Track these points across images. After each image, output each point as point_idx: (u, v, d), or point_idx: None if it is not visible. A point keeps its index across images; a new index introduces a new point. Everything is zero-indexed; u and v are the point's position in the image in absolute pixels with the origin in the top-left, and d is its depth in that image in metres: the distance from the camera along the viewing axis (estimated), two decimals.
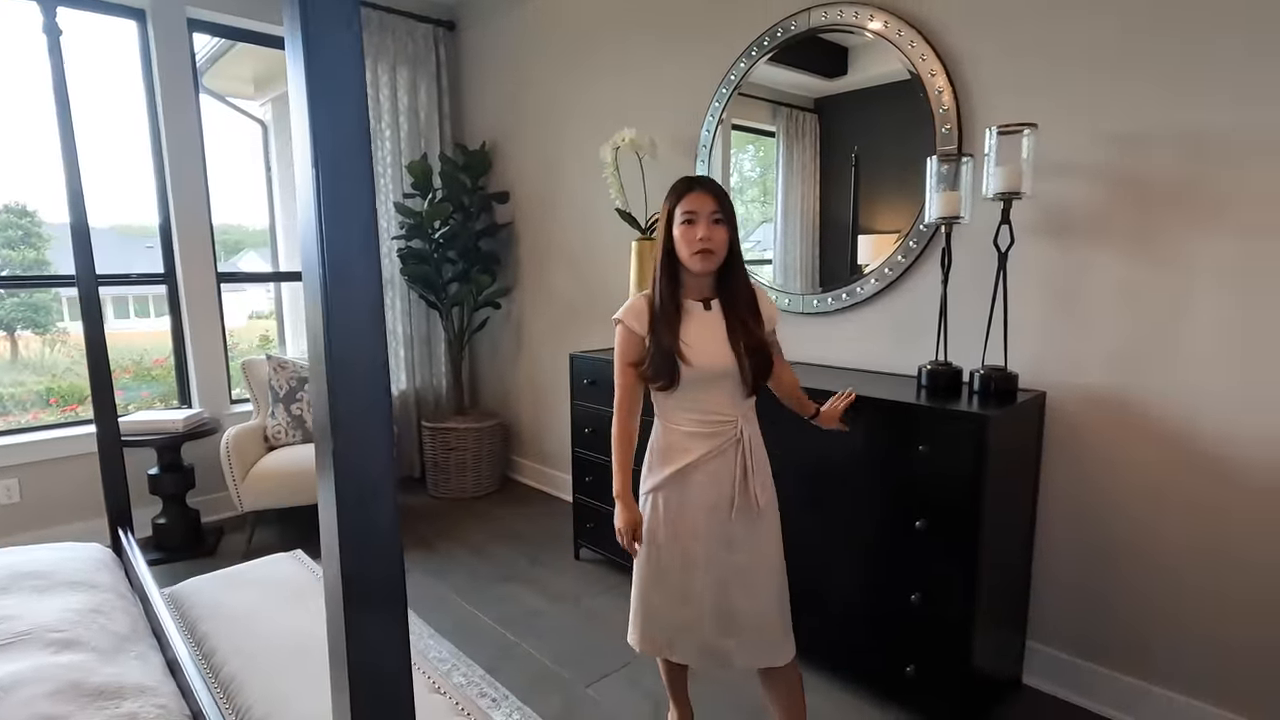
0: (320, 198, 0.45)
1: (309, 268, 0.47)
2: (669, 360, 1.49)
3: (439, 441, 3.65)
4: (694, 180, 1.53)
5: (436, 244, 3.60)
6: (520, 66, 3.60)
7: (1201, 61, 1.62)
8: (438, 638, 2.31)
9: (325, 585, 0.51)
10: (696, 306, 1.55)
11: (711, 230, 1.47)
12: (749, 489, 1.53)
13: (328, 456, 0.47)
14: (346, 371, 0.46)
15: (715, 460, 1.53)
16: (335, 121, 0.44)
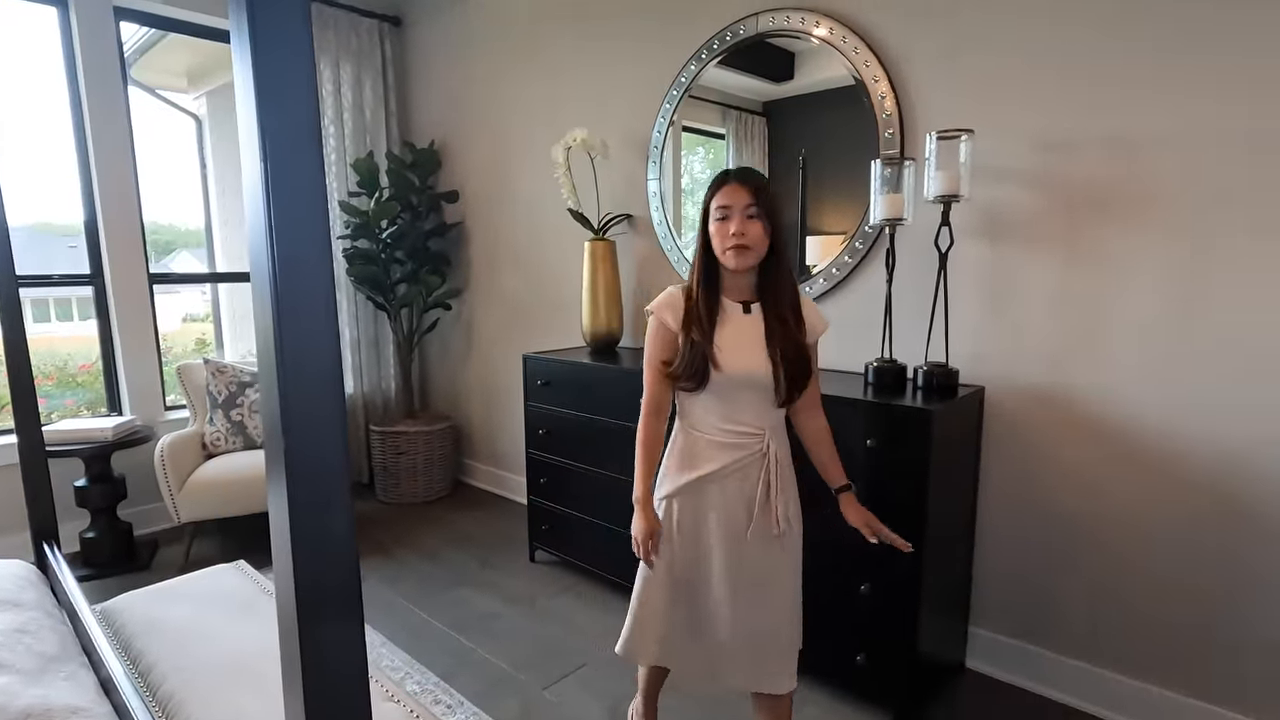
0: (269, 193, 0.44)
1: (257, 265, 0.46)
2: (700, 361, 1.40)
3: (388, 445, 3.57)
4: (730, 172, 1.44)
5: (384, 244, 3.52)
6: (469, 63, 3.55)
7: (1119, 70, 1.72)
8: (390, 645, 2.26)
9: (277, 595, 0.49)
10: (735, 309, 1.46)
11: (746, 225, 1.39)
12: (770, 509, 1.44)
13: (279, 460, 0.46)
14: (299, 370, 0.45)
15: (736, 474, 1.45)
16: (284, 110, 0.43)
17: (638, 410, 2.35)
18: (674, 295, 1.49)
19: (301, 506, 0.46)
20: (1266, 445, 1.61)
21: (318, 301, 0.46)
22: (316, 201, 0.45)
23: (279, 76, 0.43)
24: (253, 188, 0.45)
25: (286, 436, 0.46)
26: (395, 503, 3.63)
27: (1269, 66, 1.53)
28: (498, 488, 3.79)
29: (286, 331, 0.45)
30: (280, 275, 0.44)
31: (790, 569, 1.51)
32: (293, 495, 0.46)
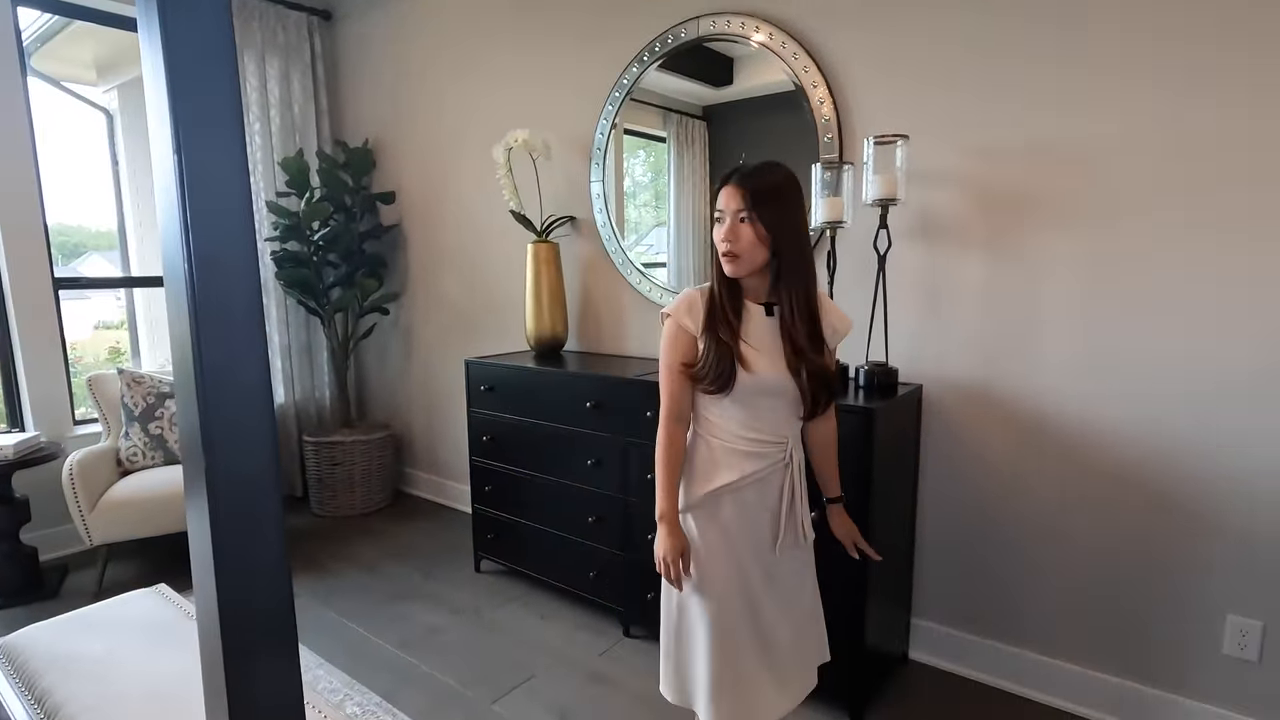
0: (184, 188, 0.40)
1: (171, 267, 0.42)
2: (726, 361, 1.31)
3: (323, 456, 3.43)
4: (730, 172, 1.35)
5: (316, 246, 3.38)
6: (404, 60, 3.45)
7: (1037, 82, 1.80)
8: (328, 666, 2.16)
9: (200, 626, 0.45)
10: (758, 310, 1.37)
11: (735, 231, 1.30)
12: (795, 521, 1.40)
13: (199, 479, 0.42)
14: (221, 380, 0.41)
15: (757, 484, 1.38)
16: (199, 92, 0.39)
17: (584, 414, 2.35)
18: (692, 297, 1.39)
19: (226, 529, 0.42)
20: (1179, 435, 1.71)
21: (241, 305, 0.42)
22: (238, 195, 0.41)
23: (192, 48, 0.39)
24: (165, 183, 0.41)
25: (208, 454, 0.42)
26: (331, 516, 3.48)
27: (1173, 78, 1.63)
28: (440, 497, 3.69)
29: (206, 338, 0.41)
30: (198, 277, 0.40)
31: (811, 569, 1.50)
32: (216, 517, 0.42)
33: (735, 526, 1.38)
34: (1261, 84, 1.54)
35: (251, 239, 0.42)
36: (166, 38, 0.39)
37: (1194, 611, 1.74)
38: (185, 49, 0.39)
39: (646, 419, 2.17)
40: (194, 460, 0.43)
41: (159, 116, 0.40)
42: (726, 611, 1.38)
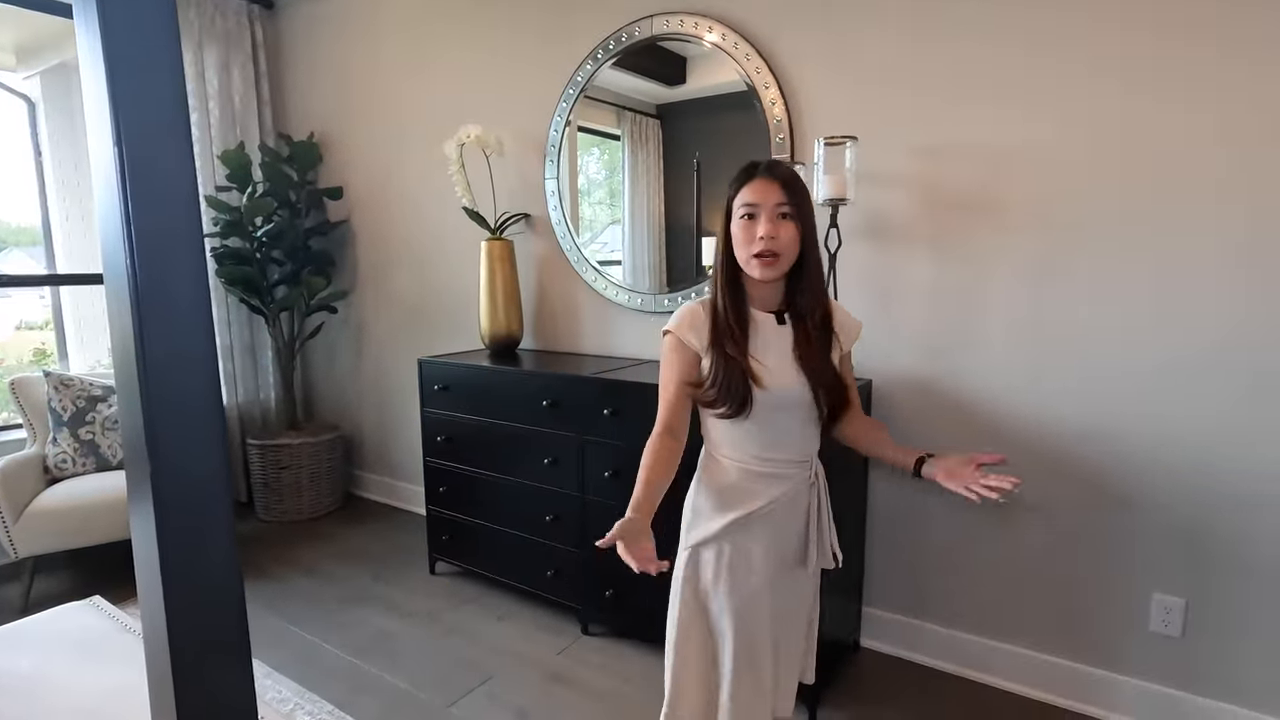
0: (125, 181, 0.38)
1: (112, 263, 0.40)
2: (738, 380, 1.21)
3: (269, 460, 3.31)
4: (758, 164, 1.25)
5: (259, 243, 3.26)
6: (351, 52, 3.36)
7: (979, 85, 1.87)
8: (276, 675, 2.09)
9: (146, 642, 0.43)
10: (767, 319, 1.28)
11: (777, 227, 1.20)
12: (825, 541, 1.33)
13: (144, 482, 0.40)
14: (167, 380, 0.40)
15: (783, 507, 1.29)
16: (142, 82, 0.38)
17: (540, 413, 2.33)
18: (694, 311, 1.29)
19: (174, 537, 0.41)
20: (1110, 425, 1.80)
21: (188, 299, 0.41)
22: (184, 186, 0.40)
23: (132, 32, 0.37)
24: (105, 174, 0.39)
25: (154, 457, 0.40)
26: (278, 521, 3.37)
27: (1108, 80, 1.72)
28: (393, 499, 3.61)
29: (150, 335, 0.39)
30: (141, 271, 0.39)
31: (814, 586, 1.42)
32: (163, 524, 0.41)
33: (767, 549, 1.29)
34: (1194, 78, 1.63)
35: (198, 230, 0.41)
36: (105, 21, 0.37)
37: (1123, 592, 1.83)
38: (125, 32, 0.38)
39: (604, 417, 2.17)
40: (138, 464, 0.41)
41: (97, 105, 0.38)
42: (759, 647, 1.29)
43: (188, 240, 0.41)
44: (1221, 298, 1.65)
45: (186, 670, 0.42)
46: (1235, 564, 1.69)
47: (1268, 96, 1.55)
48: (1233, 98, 1.58)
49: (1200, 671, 1.76)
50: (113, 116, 0.37)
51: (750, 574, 1.29)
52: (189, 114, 0.44)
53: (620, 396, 2.15)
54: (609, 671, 2.12)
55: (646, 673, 2.10)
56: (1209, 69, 1.60)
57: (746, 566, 1.28)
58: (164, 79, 0.39)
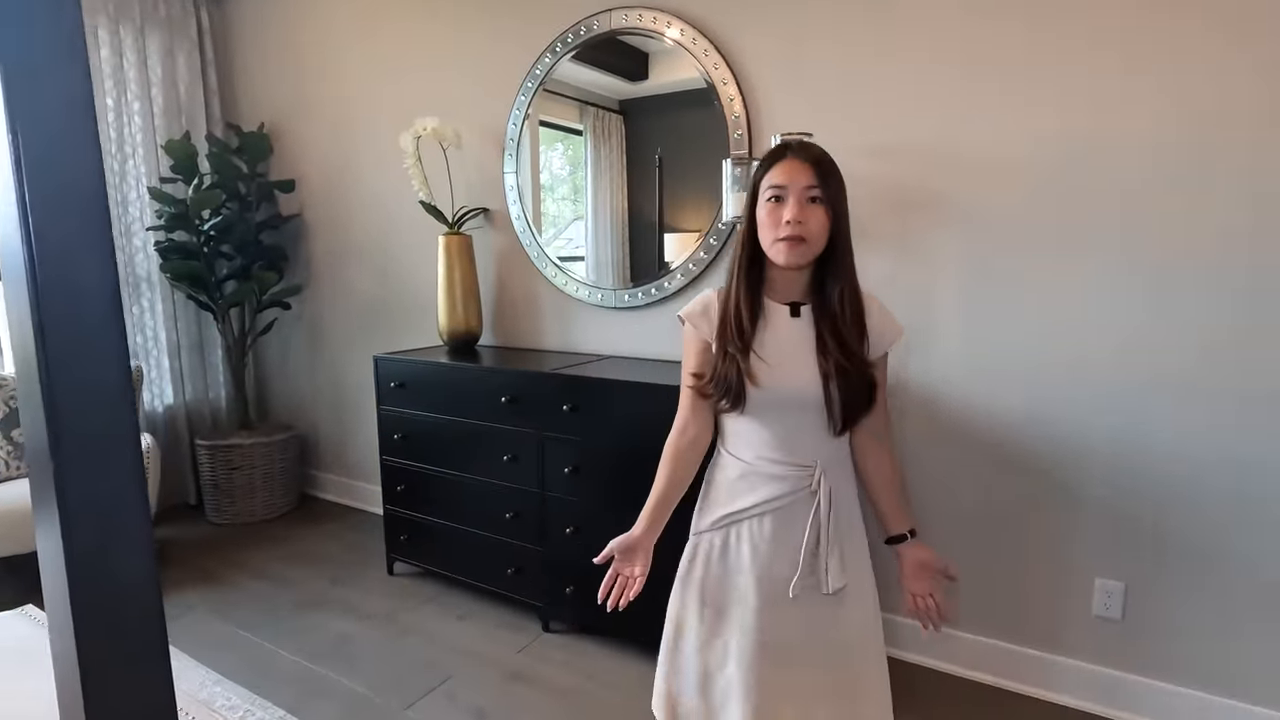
0: (21, 171, 0.36)
1: (9, 263, 0.38)
2: (734, 375, 1.16)
3: (219, 461, 3.21)
4: (788, 145, 1.18)
5: (207, 236, 3.15)
6: (303, 40, 3.26)
7: (928, 87, 1.90)
8: (226, 683, 2.03)
9: (54, 655, 0.41)
10: (780, 311, 1.20)
11: (805, 212, 1.12)
12: (819, 564, 1.17)
13: (47, 491, 0.38)
14: (70, 374, 0.38)
15: (776, 514, 1.19)
16: (38, 58, 0.36)
17: (499, 409, 2.31)
18: (708, 298, 1.25)
19: (81, 545, 0.39)
20: (1051, 415, 1.86)
21: (95, 296, 0.39)
22: (90, 175, 0.38)
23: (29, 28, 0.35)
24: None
25: (59, 467, 0.38)
26: (230, 523, 3.27)
27: (1047, 90, 1.77)
28: (350, 499, 3.54)
29: (52, 336, 0.37)
30: (41, 268, 0.37)
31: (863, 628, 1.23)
32: (69, 531, 0.39)
33: (751, 559, 1.20)
34: (1125, 91, 1.69)
35: (105, 223, 0.39)
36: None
37: (1066, 577, 1.90)
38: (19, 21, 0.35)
39: (563, 413, 2.15)
40: (41, 472, 0.39)
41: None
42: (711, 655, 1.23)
43: (95, 235, 0.39)
44: (1134, 301, 1.71)
45: (97, 688, 0.40)
46: (1170, 549, 1.77)
47: (1191, 105, 1.61)
48: (1157, 108, 1.64)
49: (1139, 652, 1.83)
50: (5, 100, 0.35)
51: (737, 574, 1.22)
52: (95, 95, 0.42)
53: (580, 392, 2.13)
54: (571, 668, 2.11)
55: (609, 668, 2.10)
56: (1134, 82, 1.66)
57: (734, 566, 1.22)
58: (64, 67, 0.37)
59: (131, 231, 3.22)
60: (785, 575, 1.18)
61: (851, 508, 1.24)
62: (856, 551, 1.24)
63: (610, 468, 2.10)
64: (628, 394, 2.05)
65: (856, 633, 1.23)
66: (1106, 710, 1.86)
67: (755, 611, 1.19)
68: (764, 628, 1.19)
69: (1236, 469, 1.67)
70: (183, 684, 2.02)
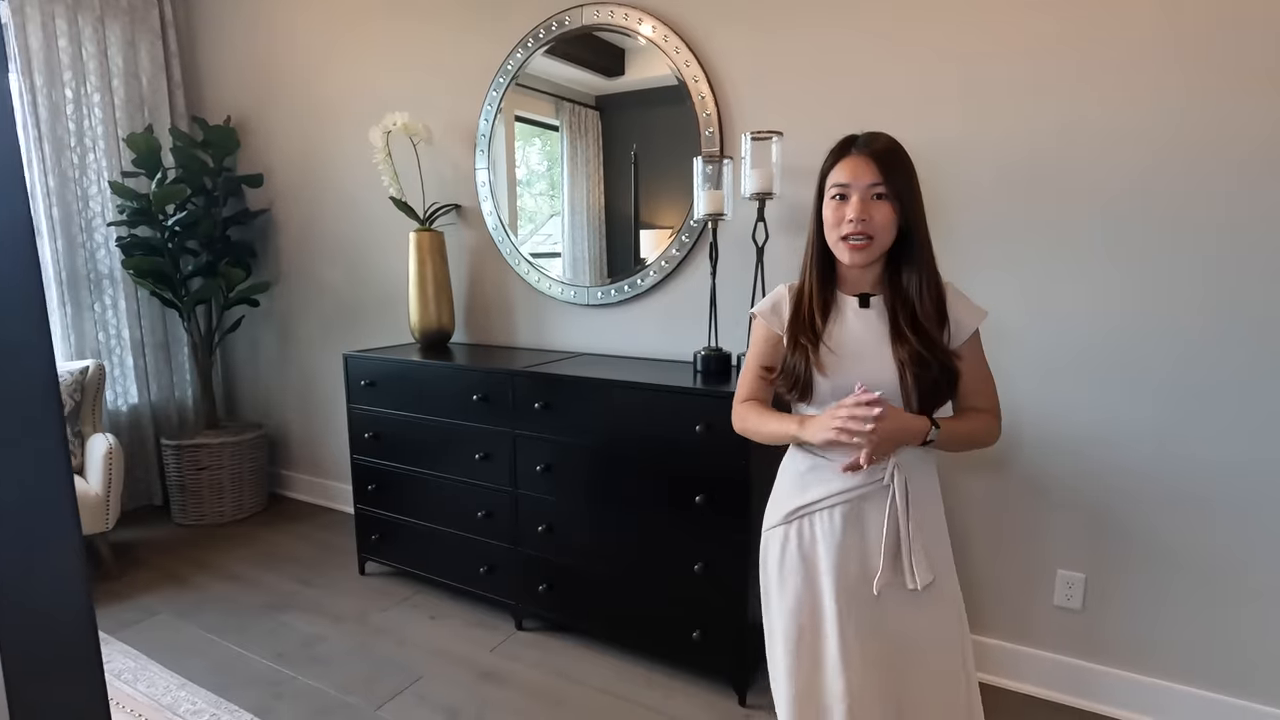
0: None
1: None
2: (803, 366, 1.16)
3: (186, 461, 3.15)
4: (852, 140, 1.16)
5: (171, 232, 3.08)
6: (271, 33, 3.20)
7: (893, 82, 1.92)
8: (191, 686, 2.00)
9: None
10: (850, 303, 1.19)
11: (870, 209, 1.11)
12: (902, 560, 1.14)
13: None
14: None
15: (849, 506, 1.16)
16: None
17: (471, 408, 2.30)
18: (780, 294, 1.26)
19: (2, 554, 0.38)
20: (1016, 409, 1.90)
21: (18, 295, 0.38)
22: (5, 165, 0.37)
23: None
24: None
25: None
26: (197, 524, 3.21)
27: (1017, 89, 1.80)
28: (321, 499, 3.49)
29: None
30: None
31: (949, 626, 1.19)
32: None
33: (818, 554, 1.17)
34: (1102, 96, 1.72)
35: (24, 213, 0.38)
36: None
37: (1030, 569, 1.94)
38: None
39: (535, 411, 2.15)
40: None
41: None
42: (803, 658, 1.19)
43: (13, 231, 0.38)
44: (1096, 298, 1.75)
45: (22, 691, 0.39)
46: (1128, 540, 1.81)
47: (1110, 105, 1.65)
48: (1121, 105, 1.68)
49: (1098, 641, 1.87)
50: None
51: (814, 570, 1.18)
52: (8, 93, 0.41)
53: (552, 390, 2.13)
54: (544, 667, 2.11)
55: (582, 666, 2.10)
56: (1067, 80, 1.69)
57: (810, 563, 1.19)
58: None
59: (92, 227, 3.14)
60: (860, 572, 1.16)
61: (933, 504, 1.21)
62: (940, 549, 1.20)
63: (583, 466, 2.10)
64: (601, 391, 2.04)
65: (929, 641, 1.18)
66: (1067, 698, 1.91)
67: (837, 611, 1.16)
68: (853, 626, 1.15)
69: (1185, 464, 1.72)
70: (146, 688, 1.98)
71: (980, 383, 1.21)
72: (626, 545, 2.06)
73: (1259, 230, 1.59)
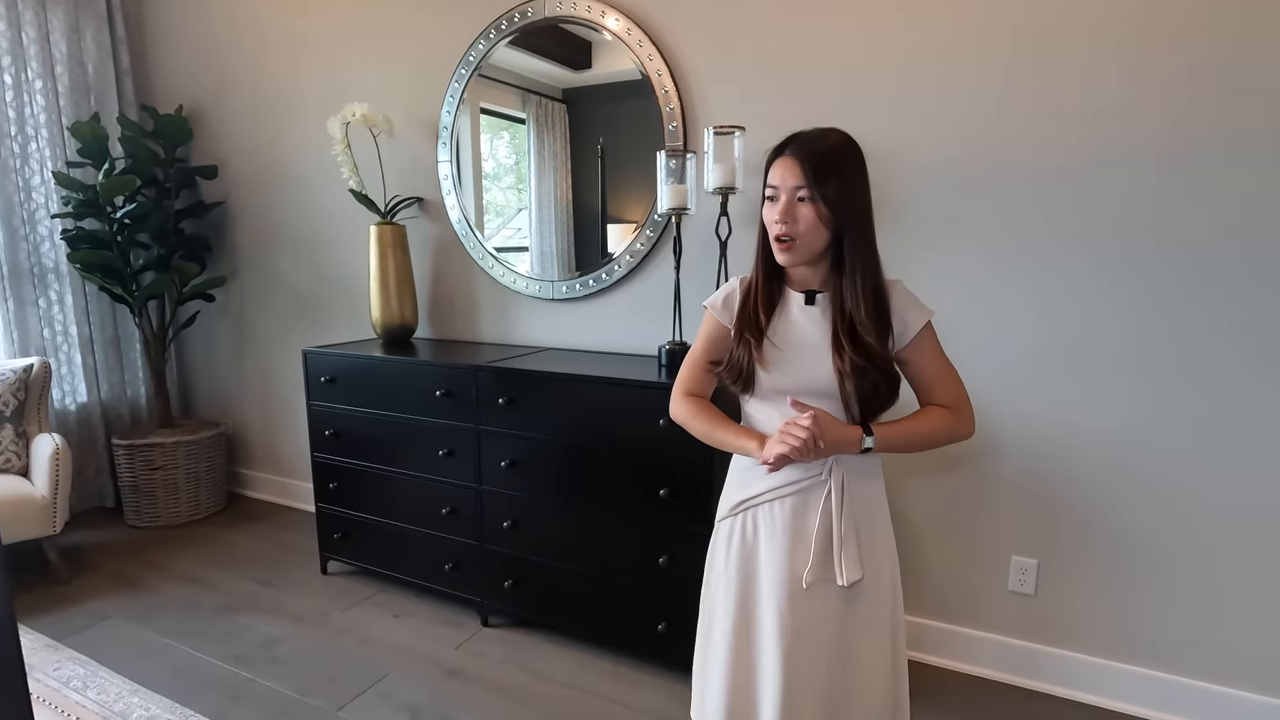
0: None
1: None
2: (746, 359, 1.17)
3: (139, 461, 3.06)
4: (786, 142, 1.15)
5: (120, 225, 2.98)
6: (226, 20, 3.11)
7: (855, 78, 1.95)
8: (145, 692, 1.95)
9: None
10: (796, 299, 1.19)
11: (793, 212, 1.10)
12: (833, 555, 1.15)
13: None
14: None
15: (790, 501, 1.18)
16: None
17: (434, 403, 2.27)
18: (732, 288, 1.26)
19: None
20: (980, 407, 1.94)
21: None
22: None
23: None
24: None
25: None
26: (151, 526, 3.12)
27: (977, 94, 1.83)
28: (282, 497, 3.42)
29: None
30: None
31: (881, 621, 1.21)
32: None
33: (760, 546, 1.20)
34: (1055, 92, 1.77)
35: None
36: None
37: (985, 556, 1.99)
38: None
39: (500, 406, 2.13)
40: None
41: None
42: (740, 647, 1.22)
43: None
44: (1042, 295, 1.80)
45: None
46: (1078, 527, 1.87)
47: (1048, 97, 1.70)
48: (1070, 108, 1.73)
49: (1050, 624, 1.94)
50: None
51: (758, 561, 1.21)
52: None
53: (517, 385, 2.12)
54: (510, 663, 2.10)
55: (548, 661, 2.10)
56: (1021, 74, 1.74)
57: (753, 555, 1.22)
58: None
59: (36, 219, 3.02)
60: (797, 565, 1.17)
61: (873, 502, 1.21)
62: (878, 549, 1.20)
63: (548, 461, 2.09)
64: (565, 386, 2.04)
65: (863, 634, 1.20)
66: (1021, 680, 1.97)
67: (777, 601, 1.17)
68: (786, 617, 1.17)
69: (1131, 453, 1.78)
70: (96, 695, 1.92)
71: (939, 377, 1.20)
72: (592, 540, 2.06)
73: (1194, 224, 1.65)
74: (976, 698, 1.92)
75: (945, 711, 1.86)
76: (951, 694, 1.94)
